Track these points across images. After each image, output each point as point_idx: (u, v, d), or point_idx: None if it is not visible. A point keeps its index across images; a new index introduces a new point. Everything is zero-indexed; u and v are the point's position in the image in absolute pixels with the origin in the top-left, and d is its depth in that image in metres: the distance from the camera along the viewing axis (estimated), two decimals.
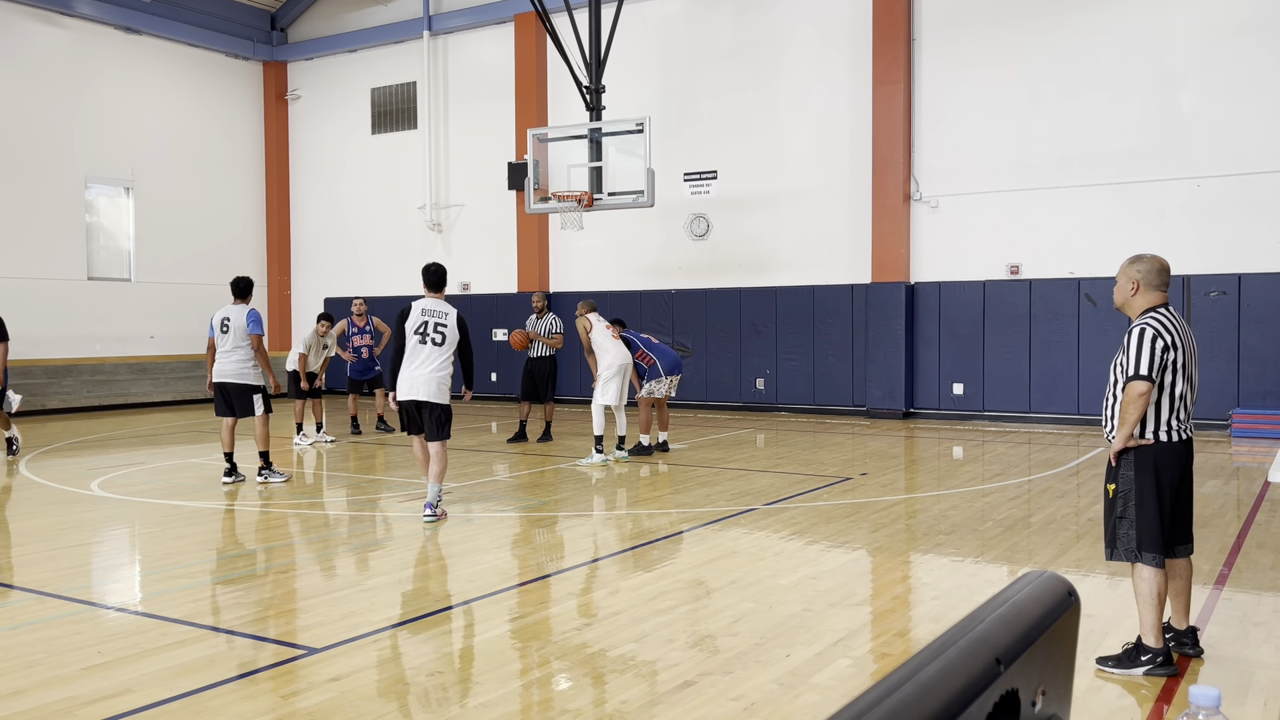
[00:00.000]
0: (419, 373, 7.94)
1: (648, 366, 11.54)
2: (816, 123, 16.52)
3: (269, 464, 9.91)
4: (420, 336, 7.93)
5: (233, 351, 9.74)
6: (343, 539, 7.50)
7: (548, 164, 14.34)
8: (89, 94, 19.36)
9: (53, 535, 7.82)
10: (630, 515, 8.42)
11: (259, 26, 22.33)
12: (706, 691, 4.19)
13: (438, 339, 7.97)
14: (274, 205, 22.70)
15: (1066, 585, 1.26)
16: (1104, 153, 14.42)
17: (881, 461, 11.17)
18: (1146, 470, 4.43)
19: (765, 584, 5.96)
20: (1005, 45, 15.07)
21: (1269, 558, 6.56)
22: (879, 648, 4.84)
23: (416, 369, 7.95)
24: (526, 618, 5.43)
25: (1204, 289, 13.76)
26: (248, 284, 10.00)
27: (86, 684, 4.35)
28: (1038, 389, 14.93)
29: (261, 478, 9.82)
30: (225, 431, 9.90)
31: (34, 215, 18.52)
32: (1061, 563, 6.49)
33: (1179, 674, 4.40)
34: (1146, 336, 4.37)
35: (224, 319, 9.75)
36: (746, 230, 17.20)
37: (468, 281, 20.28)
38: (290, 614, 5.57)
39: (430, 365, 7.95)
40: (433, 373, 7.94)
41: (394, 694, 4.25)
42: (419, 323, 7.98)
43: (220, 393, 9.81)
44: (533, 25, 18.74)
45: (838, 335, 16.36)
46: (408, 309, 8.05)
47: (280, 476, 9.88)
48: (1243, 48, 13.54)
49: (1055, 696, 1.21)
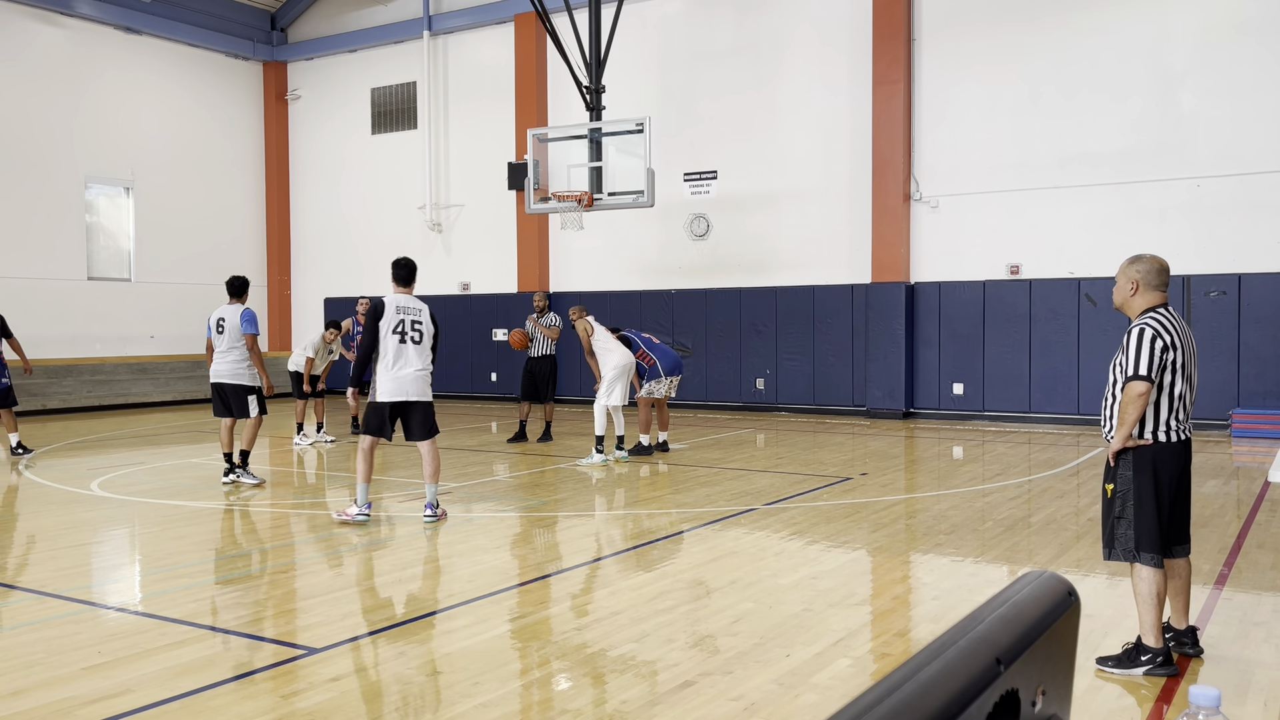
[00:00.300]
0: (404, 373, 7.81)
1: (648, 366, 11.55)
2: (816, 123, 16.53)
3: (245, 464, 9.78)
4: (400, 336, 7.76)
5: (228, 351, 9.67)
6: (343, 539, 7.50)
7: (548, 164, 14.34)
8: (89, 94, 19.36)
9: (53, 535, 7.82)
10: (630, 515, 8.42)
11: (259, 26, 22.33)
12: (706, 691, 4.19)
13: (416, 337, 7.84)
14: (274, 205, 22.71)
15: (1066, 585, 1.26)
16: (1104, 153, 14.42)
17: (881, 461, 11.17)
18: (1145, 470, 4.43)
19: (765, 584, 5.96)
20: (1005, 45, 15.07)
21: (1269, 558, 6.56)
22: (879, 648, 4.84)
23: (401, 369, 7.80)
24: (526, 618, 5.43)
25: (1204, 289, 13.76)
26: (243, 283, 9.89)
27: (86, 684, 4.35)
28: (1038, 389, 14.93)
29: (234, 476, 9.67)
30: (224, 431, 9.86)
31: (34, 215, 18.52)
32: (1061, 563, 6.49)
33: (1179, 674, 4.40)
34: (1146, 336, 4.36)
35: (219, 319, 9.69)
36: (746, 230, 17.20)
37: (467, 281, 20.28)
38: (290, 614, 5.57)
39: (415, 365, 7.84)
40: (417, 372, 7.86)
41: (394, 694, 4.25)
42: (396, 321, 7.78)
43: (217, 393, 9.76)
44: (533, 25, 18.75)
45: (838, 335, 16.36)
46: (381, 307, 7.77)
47: (253, 479, 9.72)
48: (1242, 48, 13.55)
49: (1055, 696, 1.21)
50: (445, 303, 20.37)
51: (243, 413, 9.73)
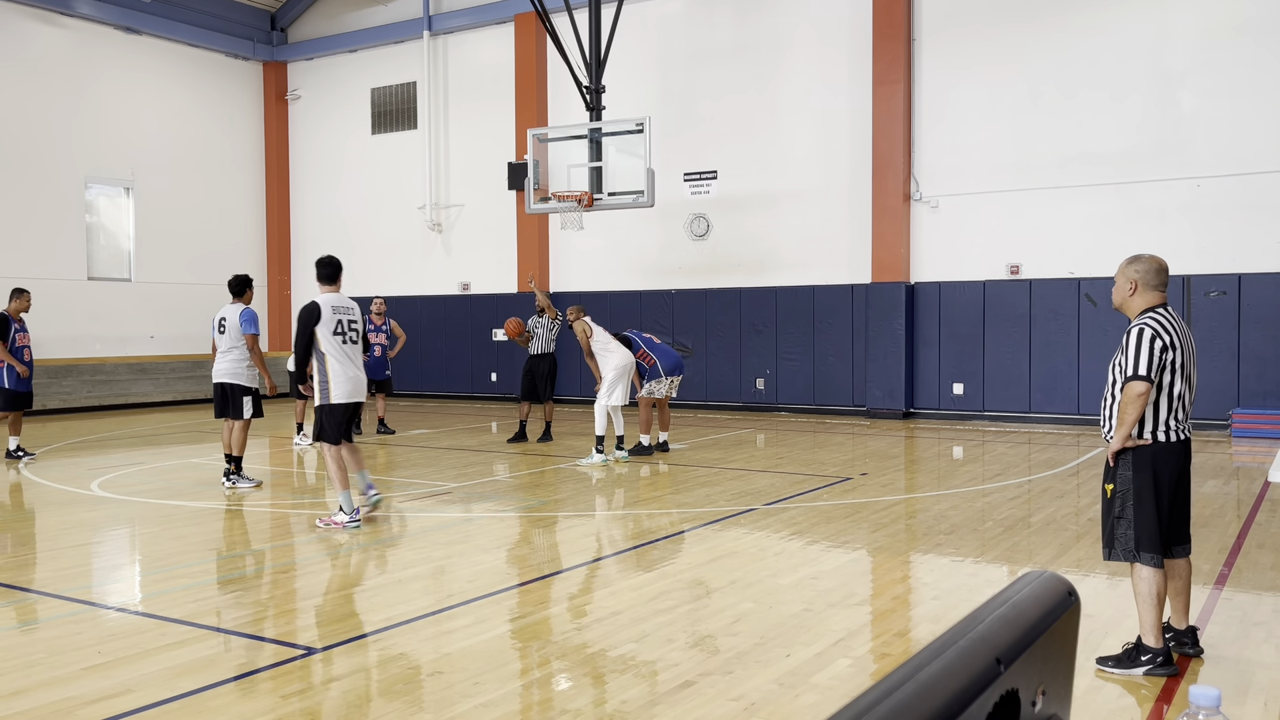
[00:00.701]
0: (357, 374, 7.82)
1: (649, 366, 11.55)
2: (816, 123, 16.53)
3: (239, 469, 9.71)
4: (342, 338, 7.71)
5: (229, 351, 9.66)
6: (343, 539, 7.49)
7: (548, 164, 14.33)
8: (89, 94, 19.36)
9: (53, 535, 7.82)
10: (630, 515, 8.42)
11: (259, 26, 22.33)
12: (706, 692, 4.19)
13: (354, 336, 7.84)
14: (274, 205, 22.70)
15: (1066, 585, 1.26)
16: (1104, 153, 14.42)
17: (881, 461, 11.17)
18: (1144, 470, 4.43)
19: (765, 584, 5.96)
20: (1005, 45, 15.08)
21: (1269, 558, 6.56)
22: (879, 648, 4.84)
23: (357, 369, 7.82)
24: (527, 618, 5.43)
25: (1204, 289, 13.76)
26: (244, 282, 9.83)
27: (86, 684, 4.35)
28: (1038, 389, 14.93)
29: (230, 482, 9.60)
30: (225, 432, 9.85)
31: (34, 215, 18.52)
32: (1061, 563, 6.49)
33: (1179, 674, 4.40)
34: (1145, 337, 4.37)
35: (220, 318, 9.69)
36: (746, 230, 17.20)
37: (467, 281, 20.28)
38: (290, 614, 5.57)
39: (359, 361, 7.88)
40: (360, 369, 7.89)
41: (394, 694, 4.25)
42: (335, 322, 7.69)
43: (219, 392, 9.75)
44: (533, 25, 18.75)
45: (838, 335, 16.36)
46: (316, 310, 7.64)
47: (249, 482, 9.68)
48: (1242, 48, 13.55)
49: (1055, 696, 1.21)
50: (445, 303, 20.38)
51: (237, 413, 9.66)
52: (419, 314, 20.12)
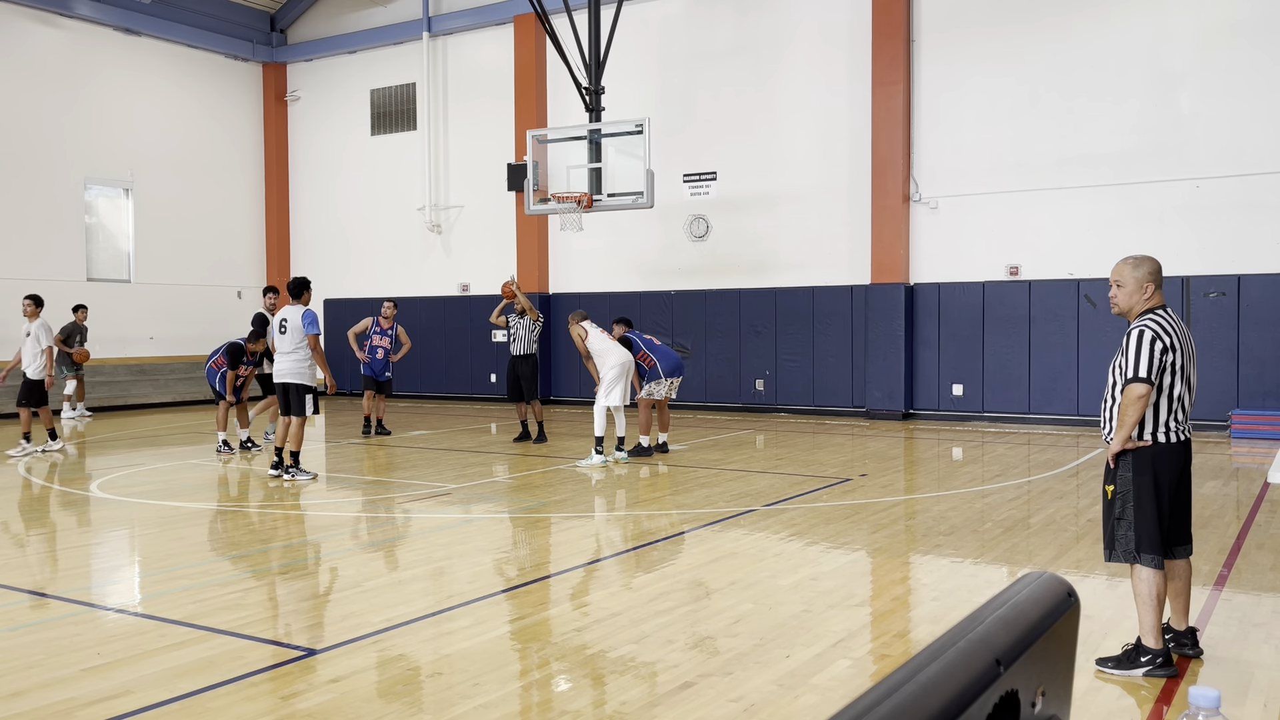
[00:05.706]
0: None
1: (648, 367, 11.55)
2: (816, 123, 16.53)
3: (297, 463, 10.21)
4: None
5: (292, 352, 10.11)
6: (344, 540, 7.50)
7: (547, 165, 14.33)
8: (88, 95, 19.36)
9: (53, 535, 7.82)
10: (630, 516, 8.42)
11: (258, 28, 22.33)
12: (706, 693, 4.19)
13: None
14: (274, 206, 22.70)
15: (1066, 586, 1.27)
16: (1103, 154, 14.42)
17: (881, 462, 11.17)
18: (1145, 471, 4.43)
19: (765, 585, 5.96)
20: (1005, 46, 15.08)
21: (1269, 558, 6.56)
22: (879, 649, 4.84)
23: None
24: (526, 618, 5.43)
25: (1203, 290, 13.76)
26: (301, 284, 10.29)
27: (86, 685, 4.35)
28: (1037, 390, 14.93)
29: (288, 475, 10.14)
30: (281, 427, 10.25)
31: (33, 216, 18.52)
32: (1061, 564, 6.49)
33: (1179, 675, 4.40)
34: (1146, 338, 4.36)
35: (282, 320, 10.15)
36: (746, 231, 17.20)
37: (467, 282, 20.27)
38: (290, 614, 5.57)
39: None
40: None
41: (394, 694, 4.25)
42: None
43: (283, 392, 10.21)
44: (532, 26, 18.75)
45: (837, 336, 16.36)
46: None
47: (306, 475, 10.15)
48: (1241, 49, 13.55)
49: (1055, 697, 1.21)
50: (445, 304, 20.37)
51: (300, 411, 10.15)
52: (418, 315, 20.10)
